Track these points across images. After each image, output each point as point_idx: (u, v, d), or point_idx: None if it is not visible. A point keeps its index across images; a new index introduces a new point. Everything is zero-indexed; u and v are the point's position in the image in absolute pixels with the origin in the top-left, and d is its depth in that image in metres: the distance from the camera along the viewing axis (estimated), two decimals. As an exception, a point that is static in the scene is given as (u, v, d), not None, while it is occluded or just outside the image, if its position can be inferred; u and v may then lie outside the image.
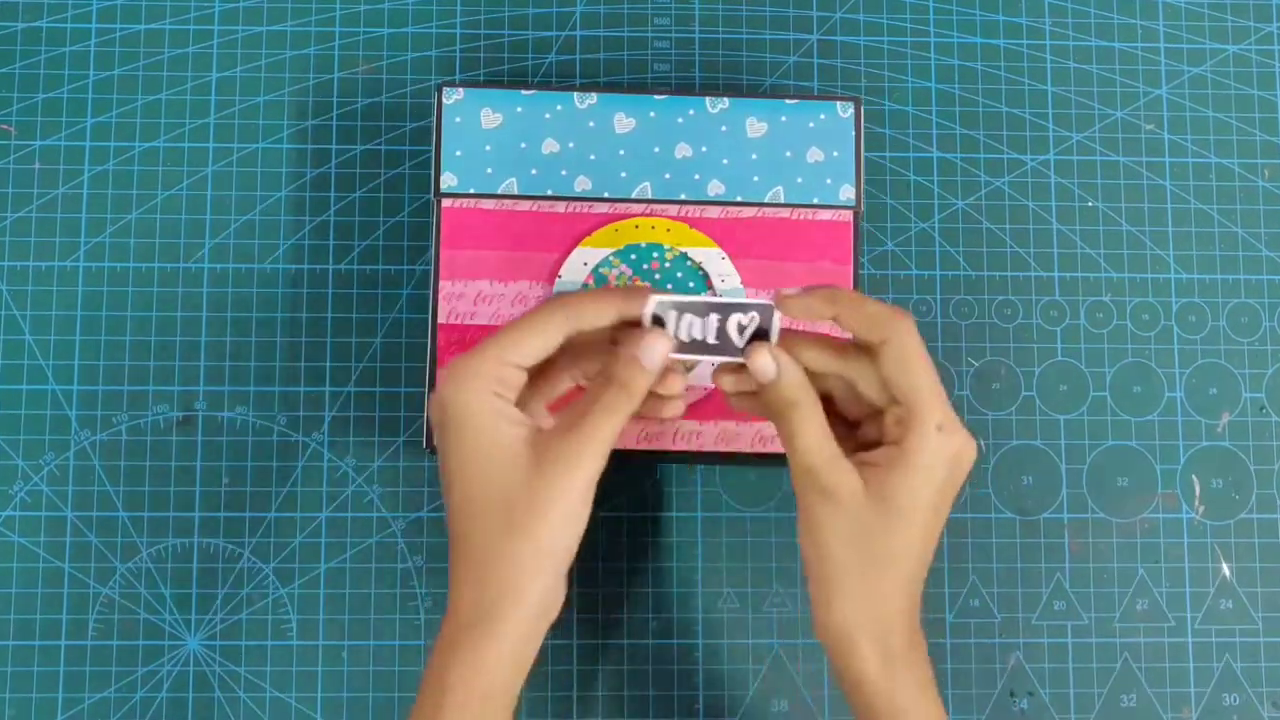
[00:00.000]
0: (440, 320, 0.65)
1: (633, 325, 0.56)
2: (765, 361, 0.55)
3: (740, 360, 0.56)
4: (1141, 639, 0.68)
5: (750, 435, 0.65)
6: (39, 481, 0.67)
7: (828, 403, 0.58)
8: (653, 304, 0.56)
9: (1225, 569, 0.69)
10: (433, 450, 0.64)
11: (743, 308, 0.56)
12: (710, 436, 0.65)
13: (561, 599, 0.55)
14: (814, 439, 0.55)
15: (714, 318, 0.56)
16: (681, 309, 0.56)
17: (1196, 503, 0.69)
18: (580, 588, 0.67)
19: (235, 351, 0.68)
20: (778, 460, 0.66)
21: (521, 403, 0.56)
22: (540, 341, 0.55)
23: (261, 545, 0.67)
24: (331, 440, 0.68)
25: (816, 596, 0.56)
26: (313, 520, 0.67)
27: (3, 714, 0.65)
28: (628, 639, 0.67)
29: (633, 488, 0.68)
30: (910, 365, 0.55)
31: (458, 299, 0.65)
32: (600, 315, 0.55)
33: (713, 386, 0.64)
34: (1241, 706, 0.68)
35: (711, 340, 0.56)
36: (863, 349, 0.56)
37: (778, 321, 0.56)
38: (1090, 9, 0.73)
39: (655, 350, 0.55)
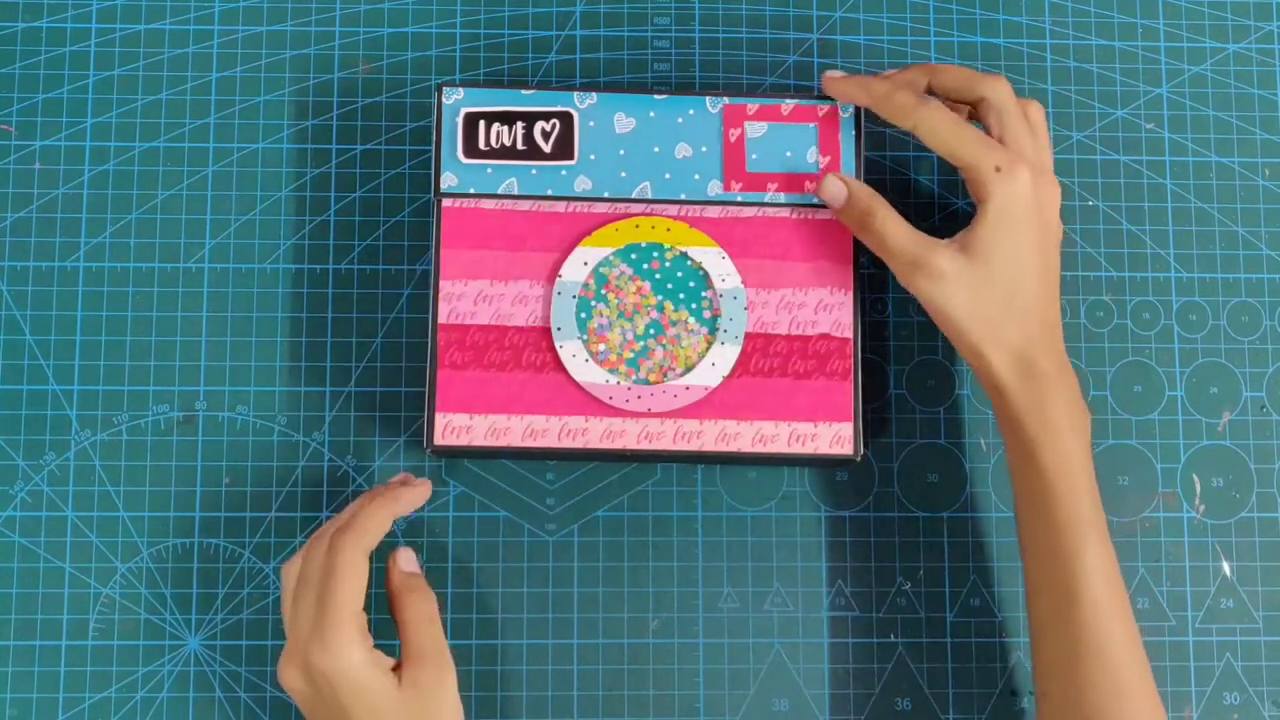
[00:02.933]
0: (440, 320, 0.65)
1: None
2: (836, 187, 0.63)
3: None
4: (1142, 638, 0.68)
5: (750, 435, 0.65)
6: (40, 481, 0.67)
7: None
8: None
9: (1226, 568, 0.69)
10: (434, 452, 0.64)
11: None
12: (710, 436, 0.65)
13: None
14: (902, 235, 0.61)
15: None
16: None
17: (1197, 502, 0.69)
18: (580, 587, 0.67)
19: (235, 351, 0.68)
20: (778, 460, 0.66)
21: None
22: (359, 581, 0.58)
23: (262, 545, 0.67)
24: (332, 440, 0.68)
25: (959, 345, 0.62)
26: (313, 520, 0.67)
27: (4, 714, 0.65)
28: (628, 639, 0.67)
29: (633, 488, 0.68)
30: (949, 128, 0.61)
31: (458, 299, 0.65)
32: (381, 527, 0.59)
33: (713, 386, 0.64)
34: (1242, 706, 0.68)
35: None
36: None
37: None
38: (1090, 8, 0.73)
39: (408, 557, 0.62)
